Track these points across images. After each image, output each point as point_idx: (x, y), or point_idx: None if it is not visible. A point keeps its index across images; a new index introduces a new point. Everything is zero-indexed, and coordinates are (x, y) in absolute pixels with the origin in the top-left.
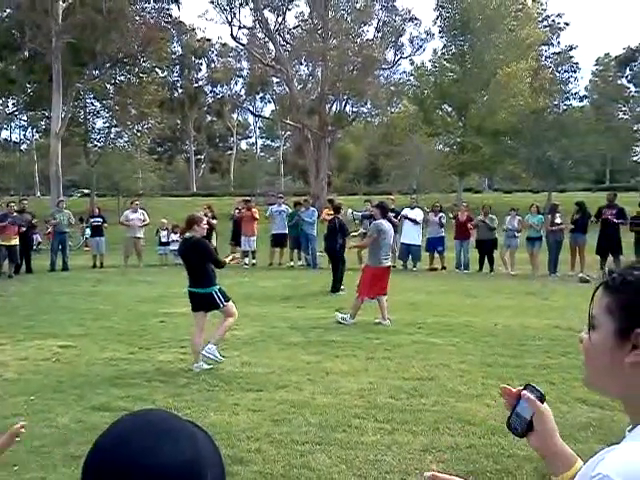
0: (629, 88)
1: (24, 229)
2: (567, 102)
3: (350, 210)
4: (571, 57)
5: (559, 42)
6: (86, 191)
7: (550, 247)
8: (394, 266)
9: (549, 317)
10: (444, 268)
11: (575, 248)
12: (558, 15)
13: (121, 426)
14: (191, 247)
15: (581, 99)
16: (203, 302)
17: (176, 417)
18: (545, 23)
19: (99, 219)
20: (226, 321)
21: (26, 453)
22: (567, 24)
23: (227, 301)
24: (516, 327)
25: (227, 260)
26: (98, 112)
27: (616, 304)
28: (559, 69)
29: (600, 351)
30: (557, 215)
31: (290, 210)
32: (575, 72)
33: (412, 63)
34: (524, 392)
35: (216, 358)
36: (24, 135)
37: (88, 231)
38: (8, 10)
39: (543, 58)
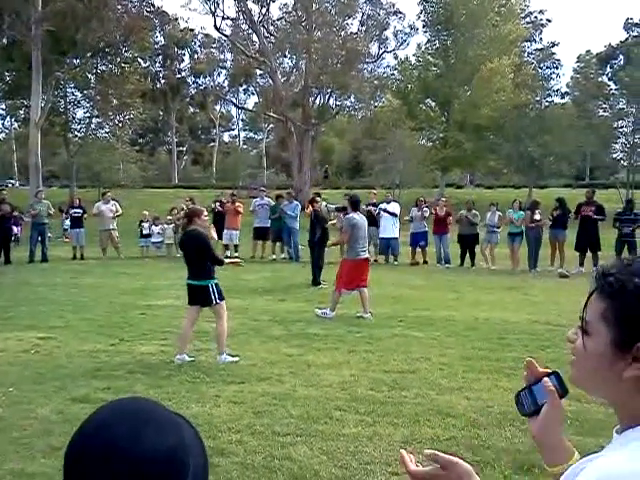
0: (609, 85)
1: None
2: (549, 98)
3: (324, 203)
4: (553, 54)
5: (541, 38)
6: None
7: (530, 243)
8: (375, 260)
9: (529, 312)
10: (426, 262)
11: (555, 244)
12: (540, 12)
13: (104, 412)
14: (191, 240)
15: (562, 96)
16: (198, 295)
17: (160, 405)
18: (528, 19)
19: (79, 210)
20: (219, 327)
21: (5, 444)
22: (549, 20)
23: (221, 300)
24: (496, 321)
25: (227, 261)
26: (79, 102)
27: (614, 312)
28: (541, 65)
29: (594, 359)
30: (537, 212)
31: (272, 203)
32: (557, 69)
33: (396, 57)
34: (547, 379)
35: (233, 360)
36: (2, 124)
37: (67, 222)
38: None
39: (525, 54)
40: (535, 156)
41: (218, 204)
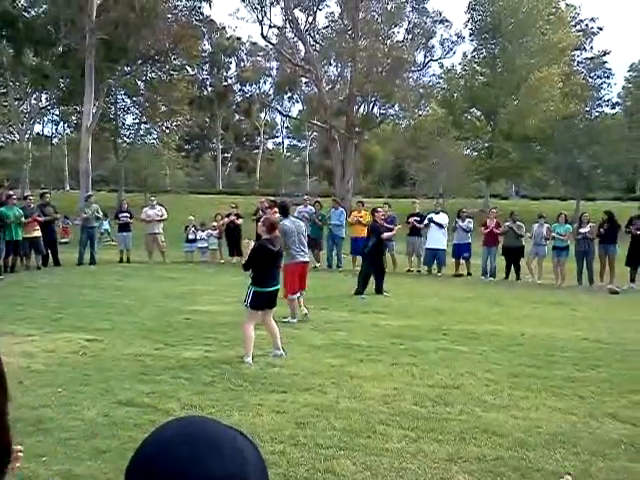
0: None
1: (43, 220)
2: (599, 109)
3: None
4: (604, 62)
5: (592, 47)
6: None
7: (578, 258)
8: (418, 271)
9: (577, 328)
10: (470, 274)
11: (604, 259)
12: (592, 19)
13: (168, 431)
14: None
15: (613, 106)
16: (274, 299)
17: (222, 426)
18: (578, 27)
19: (127, 214)
20: (268, 327)
21: (54, 444)
22: (601, 29)
23: (247, 306)
24: (543, 337)
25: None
26: (128, 108)
27: None
28: (592, 75)
29: None
30: (586, 225)
31: (313, 210)
32: (608, 78)
33: (442, 66)
34: None
35: (282, 354)
36: (56, 129)
37: (106, 224)
38: (44, 6)
39: (575, 63)
40: (584, 168)
41: (260, 213)
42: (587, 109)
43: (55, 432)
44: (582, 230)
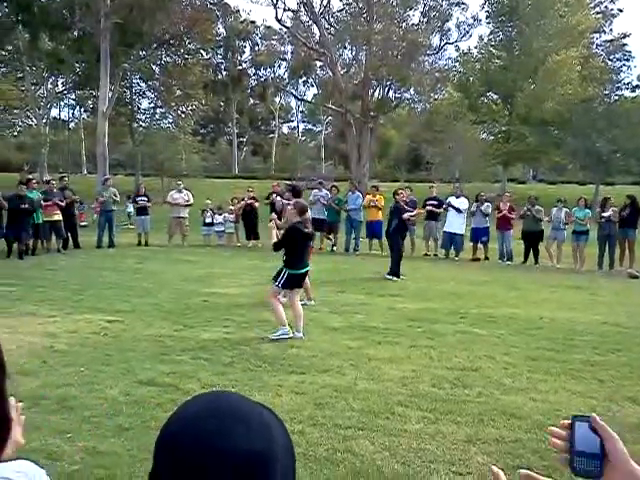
0: None
1: (63, 204)
2: (618, 92)
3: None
4: (624, 45)
5: (612, 29)
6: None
7: (600, 242)
8: (435, 255)
9: (597, 312)
10: (487, 258)
11: (624, 243)
12: (611, 1)
13: (197, 405)
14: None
15: (633, 89)
16: (303, 279)
17: (248, 401)
18: (597, 9)
19: (144, 198)
20: (294, 308)
21: (78, 422)
22: (620, 10)
23: (279, 285)
24: (562, 321)
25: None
26: (144, 92)
27: None
28: (611, 57)
29: None
30: (608, 209)
31: (329, 195)
32: (628, 61)
33: (458, 49)
34: (582, 423)
35: (302, 337)
36: (72, 114)
37: (131, 208)
38: None
39: (594, 46)
40: (603, 152)
41: (275, 196)
42: (606, 92)
43: (79, 410)
44: (605, 214)
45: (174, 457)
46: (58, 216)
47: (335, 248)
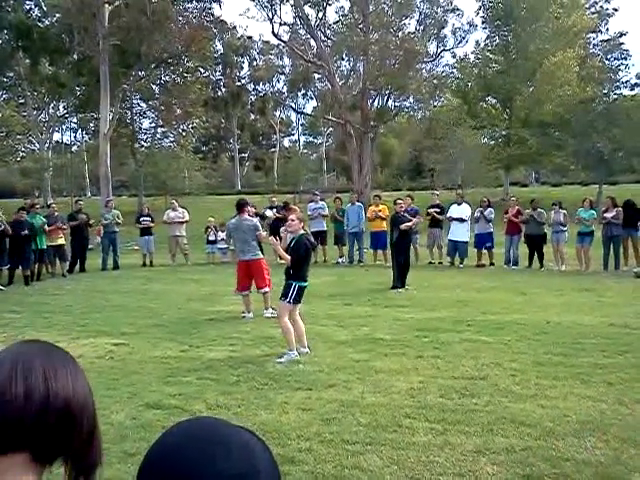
0: None
1: (67, 228)
2: (617, 91)
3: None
4: (621, 44)
5: (608, 29)
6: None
7: (604, 243)
8: (440, 262)
9: (604, 314)
10: (492, 264)
11: (627, 242)
12: (606, 1)
13: (174, 434)
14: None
15: (632, 87)
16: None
17: (227, 424)
18: (593, 10)
19: (148, 218)
20: (297, 324)
21: None
22: (616, 10)
23: (290, 302)
24: (569, 325)
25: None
26: (144, 112)
27: None
28: (608, 57)
29: None
30: (612, 210)
31: (327, 207)
32: (625, 59)
33: (454, 55)
34: None
35: (307, 352)
36: (74, 137)
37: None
38: (57, 15)
39: (591, 46)
40: (604, 152)
41: (264, 210)
42: (605, 92)
43: None
44: (607, 215)
45: None
46: (62, 240)
47: (342, 260)
